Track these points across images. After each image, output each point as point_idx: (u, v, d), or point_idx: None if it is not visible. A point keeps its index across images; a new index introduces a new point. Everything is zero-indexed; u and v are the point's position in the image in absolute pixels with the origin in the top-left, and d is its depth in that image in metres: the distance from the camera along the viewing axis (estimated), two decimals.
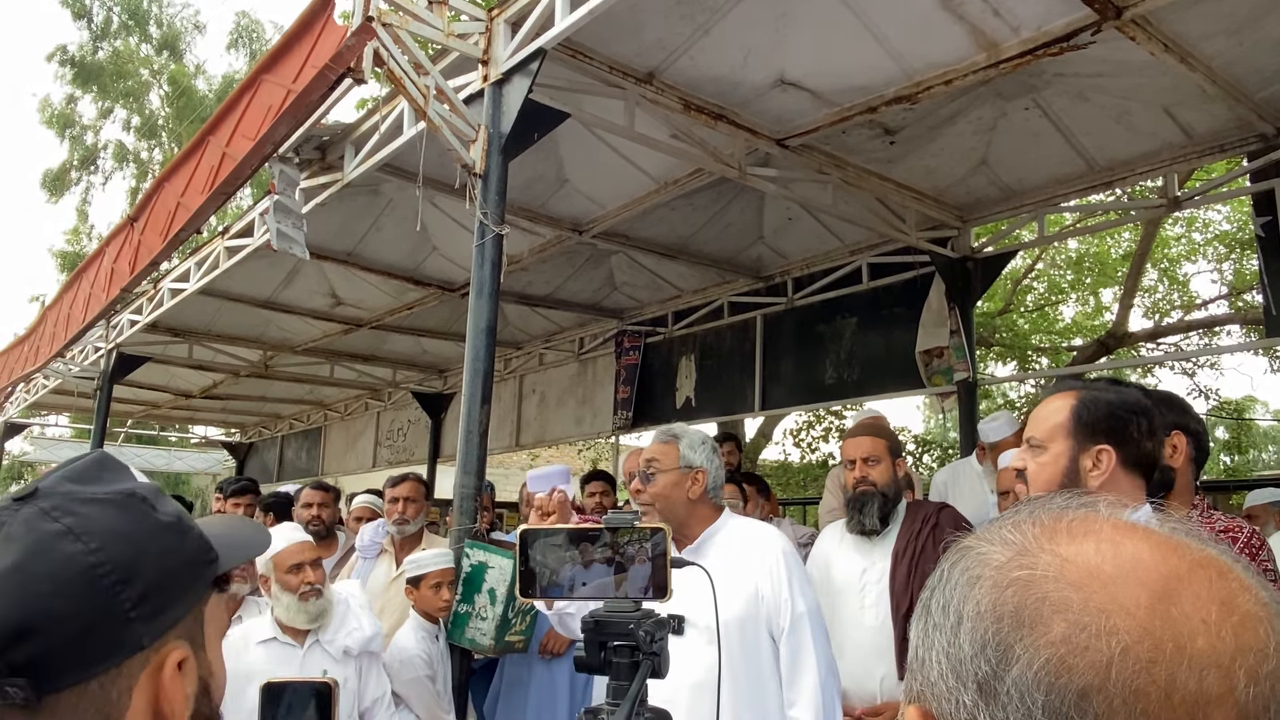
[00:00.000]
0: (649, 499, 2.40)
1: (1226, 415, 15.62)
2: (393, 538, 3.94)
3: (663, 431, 2.51)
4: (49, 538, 0.68)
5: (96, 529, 0.70)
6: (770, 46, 3.89)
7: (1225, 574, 0.51)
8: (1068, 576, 0.51)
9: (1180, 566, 0.51)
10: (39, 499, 0.71)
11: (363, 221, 6.06)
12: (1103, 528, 0.54)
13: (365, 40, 3.18)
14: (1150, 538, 0.53)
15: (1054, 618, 0.49)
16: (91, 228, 23.31)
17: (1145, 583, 0.49)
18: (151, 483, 0.80)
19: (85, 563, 0.68)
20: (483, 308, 3.47)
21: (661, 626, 1.03)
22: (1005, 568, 0.53)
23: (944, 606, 0.55)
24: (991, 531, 0.57)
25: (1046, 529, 0.55)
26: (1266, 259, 4.74)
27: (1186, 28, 3.65)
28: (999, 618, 0.51)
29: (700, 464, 2.41)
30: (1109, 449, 1.71)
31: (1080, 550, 0.52)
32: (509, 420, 9.76)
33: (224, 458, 16.37)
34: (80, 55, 22.03)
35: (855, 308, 6.59)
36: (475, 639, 3.24)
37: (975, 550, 0.56)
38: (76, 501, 0.71)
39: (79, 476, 0.74)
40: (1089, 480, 1.71)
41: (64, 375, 9.08)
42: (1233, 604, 0.49)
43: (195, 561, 0.77)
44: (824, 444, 15.01)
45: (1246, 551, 1.91)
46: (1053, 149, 4.89)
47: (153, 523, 0.74)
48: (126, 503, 0.74)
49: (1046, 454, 1.76)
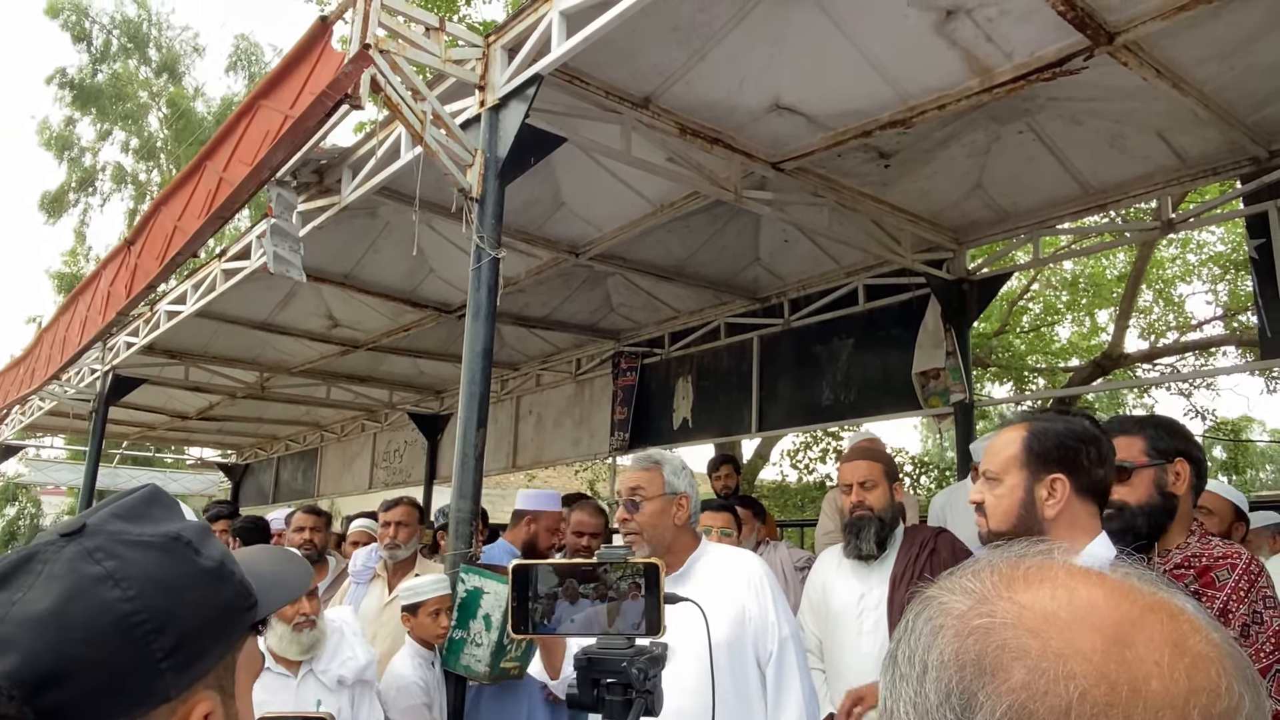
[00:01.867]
0: (637, 527, 2.38)
1: (1223, 436, 15.62)
2: (385, 562, 3.92)
3: (643, 458, 2.51)
4: (88, 581, 0.67)
5: (136, 575, 0.69)
6: (765, 71, 3.92)
7: (1176, 616, 0.53)
8: (1025, 623, 0.52)
9: (1132, 611, 0.52)
10: (84, 537, 0.70)
11: (360, 244, 6.07)
12: (1058, 574, 0.56)
13: (362, 67, 3.20)
14: (1104, 583, 0.55)
15: (1014, 664, 0.50)
16: (89, 249, 23.35)
17: (1099, 627, 0.51)
18: (199, 522, 0.79)
19: (121, 610, 0.67)
20: (479, 331, 3.46)
21: (655, 664, 1.02)
22: (966, 616, 0.54)
23: (909, 657, 0.56)
24: (953, 581, 0.59)
25: (1004, 577, 0.56)
26: (1260, 281, 4.75)
27: (1178, 53, 3.68)
28: (961, 666, 0.52)
29: (684, 490, 2.42)
30: (1062, 478, 1.77)
31: (1037, 597, 0.53)
32: (506, 441, 9.74)
33: (220, 479, 16.31)
34: (79, 78, 22.16)
35: (851, 329, 6.60)
36: (470, 665, 3.21)
37: (937, 600, 0.58)
38: (121, 543, 0.70)
39: (128, 514, 0.74)
40: (1045, 509, 1.76)
41: (60, 397, 9.05)
42: (1184, 646, 0.50)
43: (233, 609, 0.76)
44: (821, 465, 14.98)
45: (1245, 578, 1.90)
46: (1047, 172, 4.91)
47: (194, 569, 0.73)
48: (170, 546, 0.73)
49: (1002, 486, 1.82)
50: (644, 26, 3.50)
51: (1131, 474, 2.02)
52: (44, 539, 0.71)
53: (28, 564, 0.68)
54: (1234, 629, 1.85)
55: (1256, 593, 1.88)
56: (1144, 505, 2.00)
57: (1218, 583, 1.91)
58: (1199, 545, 1.99)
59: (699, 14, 3.55)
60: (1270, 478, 24.20)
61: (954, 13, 3.46)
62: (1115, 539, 1.97)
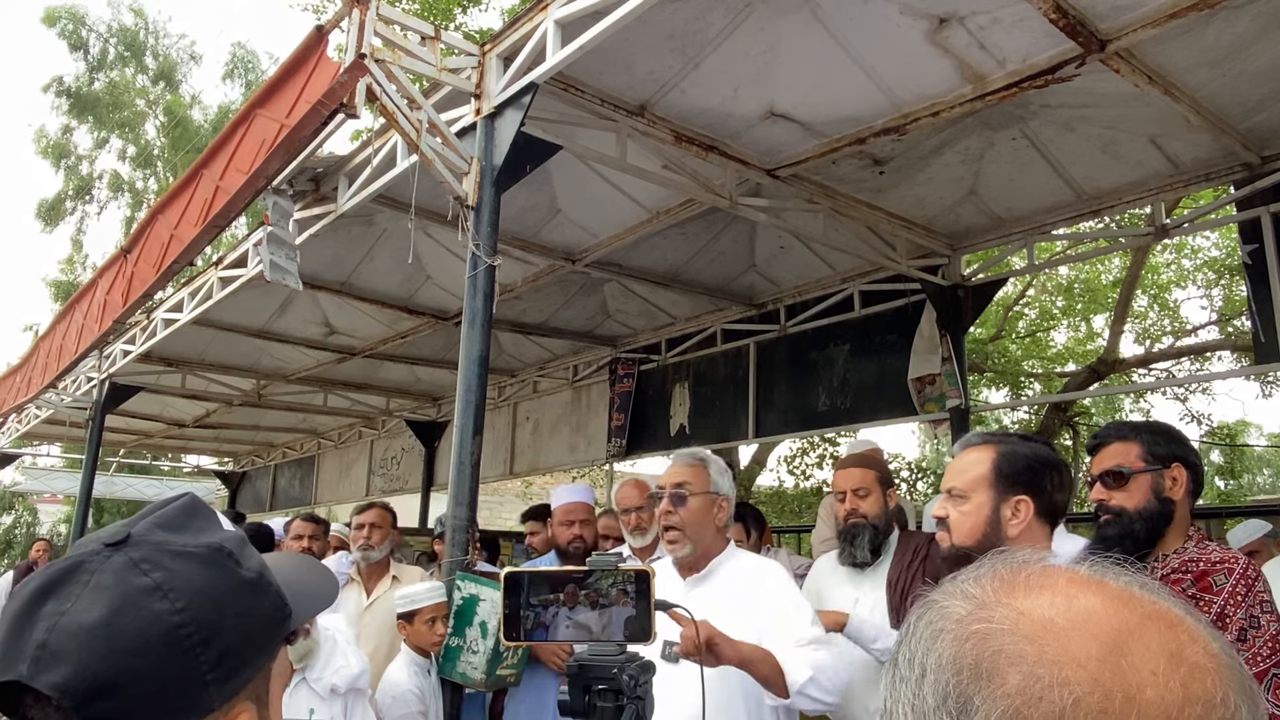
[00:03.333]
0: (680, 523, 2.31)
1: (1220, 440, 15.64)
2: (359, 566, 3.92)
3: (688, 454, 2.44)
4: (137, 593, 0.68)
5: (184, 586, 0.69)
6: (760, 79, 3.94)
7: (1175, 625, 0.53)
8: (1023, 629, 0.52)
9: (1131, 619, 0.52)
10: (130, 548, 0.70)
11: (357, 251, 6.08)
12: (1058, 581, 0.56)
13: (358, 76, 3.21)
14: (1104, 591, 0.55)
15: (1010, 670, 0.51)
16: (86, 257, 23.32)
17: (1096, 635, 0.51)
18: (237, 532, 0.80)
19: (171, 622, 0.67)
20: (475, 338, 3.47)
21: (646, 670, 1.03)
22: (965, 621, 0.55)
23: (909, 660, 0.57)
24: (954, 585, 0.59)
25: (1005, 583, 0.57)
26: (1254, 286, 4.77)
27: (1170, 60, 3.70)
28: (959, 670, 0.53)
29: (726, 492, 2.39)
30: (1027, 499, 1.83)
31: (1035, 604, 0.54)
32: (503, 448, 9.74)
33: (217, 487, 16.28)
34: (76, 86, 22.16)
35: (847, 335, 6.62)
36: (466, 673, 3.21)
37: (939, 604, 0.58)
38: (167, 554, 0.71)
39: (170, 524, 0.74)
40: (1008, 529, 1.82)
41: (56, 405, 9.04)
42: (1181, 655, 0.51)
43: (271, 620, 0.77)
44: (818, 471, 14.99)
45: (1242, 582, 1.91)
46: (1041, 178, 4.93)
47: (236, 581, 0.74)
48: (214, 558, 0.73)
49: (969, 504, 1.86)
50: (638, 35, 3.52)
51: (1129, 479, 2.03)
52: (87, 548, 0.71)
53: (74, 574, 0.69)
54: (1231, 633, 1.86)
55: (1254, 597, 1.89)
56: (1141, 510, 2.01)
57: (1215, 587, 1.91)
58: (1196, 550, 2.00)
59: (693, 22, 3.57)
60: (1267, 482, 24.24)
61: (947, 20, 3.48)
62: (1113, 544, 1.99)
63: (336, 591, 0.95)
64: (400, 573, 3.95)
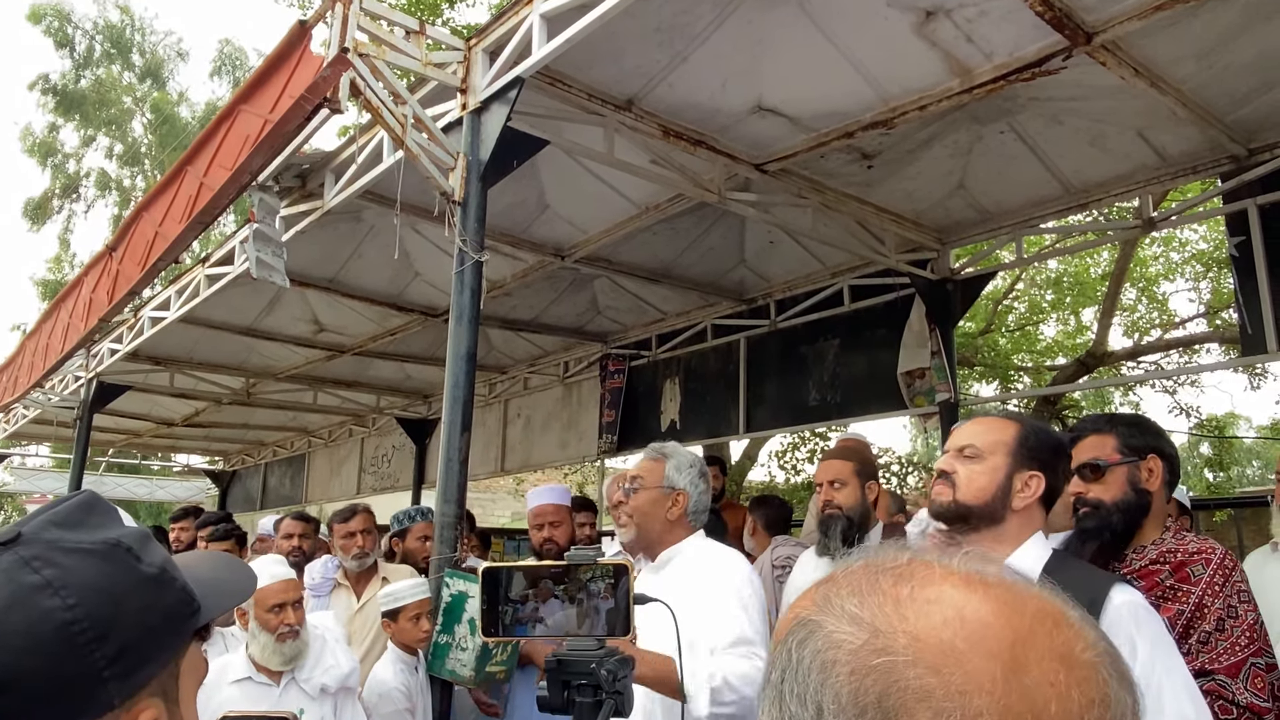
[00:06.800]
0: (629, 511, 2.42)
1: (1209, 432, 15.73)
2: (347, 571, 3.90)
3: (654, 449, 2.53)
4: (26, 590, 0.66)
5: (76, 582, 0.68)
6: (748, 73, 3.93)
7: (1060, 623, 0.54)
8: (925, 659, 0.51)
9: (1021, 625, 0.53)
10: (20, 546, 0.69)
11: (344, 248, 6.05)
12: (943, 588, 0.55)
13: (341, 71, 3.19)
14: (988, 594, 0.55)
15: (918, 706, 0.50)
16: (74, 256, 23.24)
17: (995, 654, 0.51)
18: (138, 528, 0.78)
19: (61, 619, 0.66)
20: (463, 334, 3.46)
21: (624, 665, 1.02)
22: (860, 653, 0.53)
23: (800, 695, 0.54)
24: (834, 603, 0.56)
25: (890, 598, 0.55)
26: (1241, 278, 4.78)
27: (1156, 52, 3.71)
28: (862, 710, 0.51)
29: (683, 486, 2.41)
30: (1040, 476, 1.82)
31: (929, 624, 0.53)
32: (494, 445, 9.72)
33: (206, 486, 16.22)
34: (63, 84, 22.04)
35: (837, 329, 6.62)
36: (455, 670, 3.20)
37: (823, 629, 0.55)
38: (59, 551, 0.69)
39: (64, 521, 0.72)
40: (1014, 500, 1.80)
41: (43, 405, 8.98)
42: (1072, 658, 0.52)
43: (176, 615, 0.75)
44: (808, 466, 15.01)
45: (1219, 572, 1.91)
46: (1029, 171, 4.94)
47: (135, 575, 0.72)
48: (110, 554, 0.72)
49: (983, 464, 1.83)
50: (625, 28, 3.50)
51: (1105, 472, 2.04)
52: None
53: None
54: (1209, 623, 1.86)
55: (1231, 587, 1.89)
56: (1119, 502, 2.02)
57: (1193, 578, 1.92)
58: (1174, 541, 2.01)
59: (681, 15, 3.55)
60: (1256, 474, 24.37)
61: (934, 14, 3.48)
62: (1091, 536, 1.98)
63: (253, 586, 0.94)
64: (389, 573, 3.93)
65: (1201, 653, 1.83)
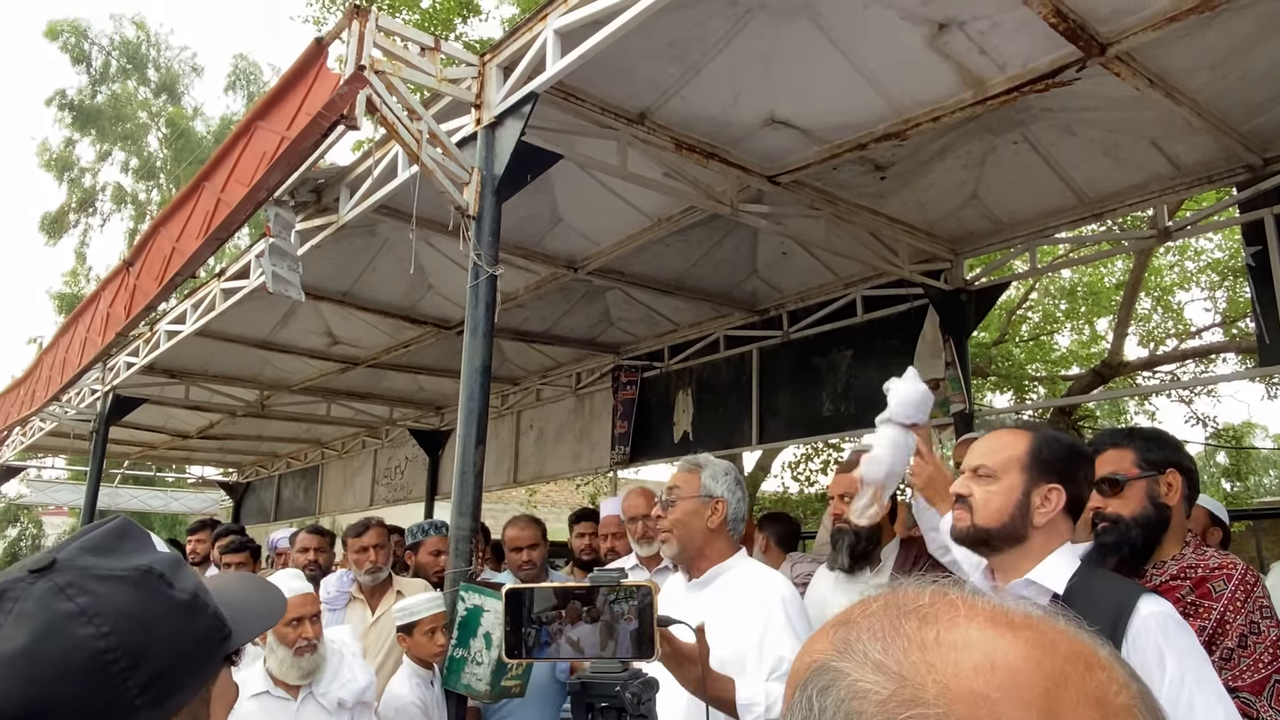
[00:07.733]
0: (668, 525, 2.40)
1: (1226, 442, 15.59)
2: (362, 585, 3.90)
3: (687, 460, 2.53)
4: (61, 619, 0.66)
5: (109, 610, 0.68)
6: (760, 86, 3.93)
7: (1091, 665, 0.52)
8: (956, 711, 0.49)
9: (1053, 669, 0.51)
10: (55, 573, 0.69)
11: (359, 262, 6.08)
12: (969, 631, 0.53)
13: (358, 88, 3.21)
14: (1018, 636, 0.53)
15: None
16: (90, 269, 23.42)
17: (1029, 703, 0.49)
18: (171, 554, 0.78)
19: (95, 648, 0.66)
20: (477, 347, 3.47)
21: (649, 687, 1.02)
22: (888, 705, 0.51)
23: None
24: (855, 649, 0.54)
25: (915, 643, 0.53)
26: (1258, 288, 4.75)
27: (1170, 63, 3.70)
28: None
29: (721, 494, 2.40)
30: (1059, 488, 1.76)
31: (958, 671, 0.51)
32: (507, 456, 9.73)
33: (221, 497, 16.28)
34: (79, 99, 22.27)
35: (850, 340, 6.60)
36: (471, 685, 3.19)
37: (846, 678, 0.53)
38: (93, 578, 0.69)
39: (98, 547, 0.73)
40: (1036, 516, 1.75)
41: (60, 418, 9.04)
42: (1106, 702, 0.50)
43: (208, 641, 0.75)
44: (822, 477, 14.95)
45: (1241, 588, 1.89)
46: (1042, 182, 4.92)
47: (167, 602, 0.72)
48: (143, 580, 0.72)
49: (998, 484, 1.79)
50: (638, 43, 3.52)
51: (1124, 486, 2.02)
52: (12, 576, 0.69)
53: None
54: (1231, 640, 1.84)
55: (1253, 603, 1.87)
56: (1138, 517, 1.99)
57: (1214, 594, 1.90)
58: (1194, 556, 1.99)
59: (693, 30, 3.57)
60: (1274, 484, 24.13)
61: (946, 26, 3.48)
62: (1110, 551, 1.96)
63: (283, 610, 0.94)
64: (404, 586, 3.93)
65: (1224, 670, 1.81)
